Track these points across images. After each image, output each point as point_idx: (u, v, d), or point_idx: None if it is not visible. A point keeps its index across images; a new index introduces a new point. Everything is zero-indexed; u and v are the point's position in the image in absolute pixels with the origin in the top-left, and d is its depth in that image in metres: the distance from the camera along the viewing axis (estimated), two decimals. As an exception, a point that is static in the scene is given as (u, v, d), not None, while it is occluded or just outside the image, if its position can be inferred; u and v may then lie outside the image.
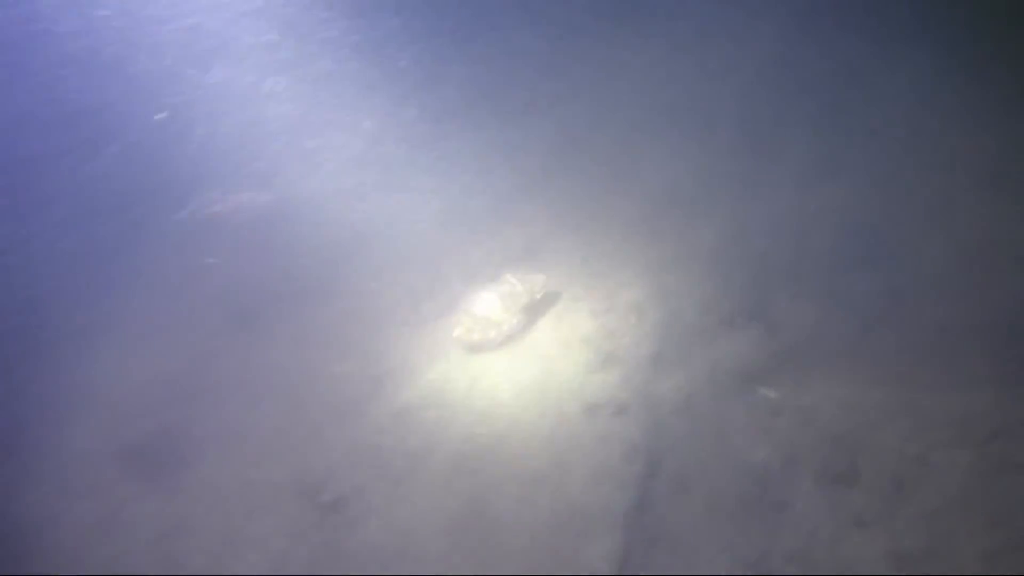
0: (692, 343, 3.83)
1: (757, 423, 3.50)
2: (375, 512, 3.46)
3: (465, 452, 3.62)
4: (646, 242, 4.26)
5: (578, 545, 3.26)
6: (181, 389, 3.95)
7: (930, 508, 3.15)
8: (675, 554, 3.15)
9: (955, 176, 4.31)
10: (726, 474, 3.34)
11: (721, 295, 3.98)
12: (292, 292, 4.23)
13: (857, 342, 3.77)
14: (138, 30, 5.69)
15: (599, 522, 3.31)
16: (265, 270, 4.36)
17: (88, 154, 4.91)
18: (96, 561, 3.39)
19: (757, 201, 4.32)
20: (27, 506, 3.59)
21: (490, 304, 3.94)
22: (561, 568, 3.15)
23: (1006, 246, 4.02)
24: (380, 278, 4.27)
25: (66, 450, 3.79)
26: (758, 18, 5.12)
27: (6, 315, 4.17)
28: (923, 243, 4.10)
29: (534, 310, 4.05)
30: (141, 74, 5.48)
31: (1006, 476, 3.22)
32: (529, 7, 5.52)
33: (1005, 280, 3.91)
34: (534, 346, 3.94)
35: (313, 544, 3.38)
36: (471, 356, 3.95)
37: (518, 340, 3.96)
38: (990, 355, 3.68)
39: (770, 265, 4.06)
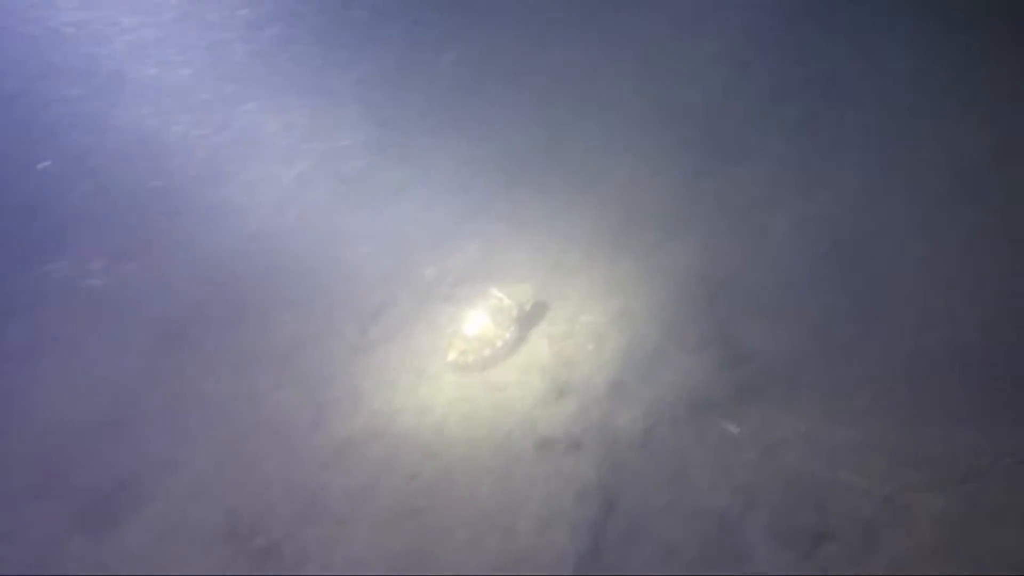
0: (652, 372, 3.61)
1: (718, 461, 3.29)
2: (312, 559, 3.23)
3: (410, 491, 3.39)
4: (610, 262, 4.03)
5: (527, 594, 3.06)
6: (105, 420, 3.70)
7: (902, 559, 2.95)
8: (628, 606, 2.95)
9: (935, 190, 4.09)
10: (684, 519, 3.13)
11: (685, 320, 3.76)
12: (229, 315, 3.97)
13: (827, 371, 3.56)
14: (31, 59, 5.12)
15: (549, 569, 3.10)
16: (197, 294, 4.08)
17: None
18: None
19: (726, 219, 4.09)
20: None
21: (480, 323, 3.72)
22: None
23: (988, 267, 3.81)
24: (325, 301, 4.01)
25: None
26: (729, 21, 4.85)
27: None
28: (901, 262, 3.89)
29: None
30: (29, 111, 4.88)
31: (983, 522, 3.03)
32: (474, 23, 5.18)
33: (986, 304, 3.71)
34: (487, 376, 3.70)
35: (245, 594, 3.17)
36: (420, 384, 3.72)
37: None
38: (968, 386, 3.49)
39: (738, 288, 3.84)
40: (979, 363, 3.54)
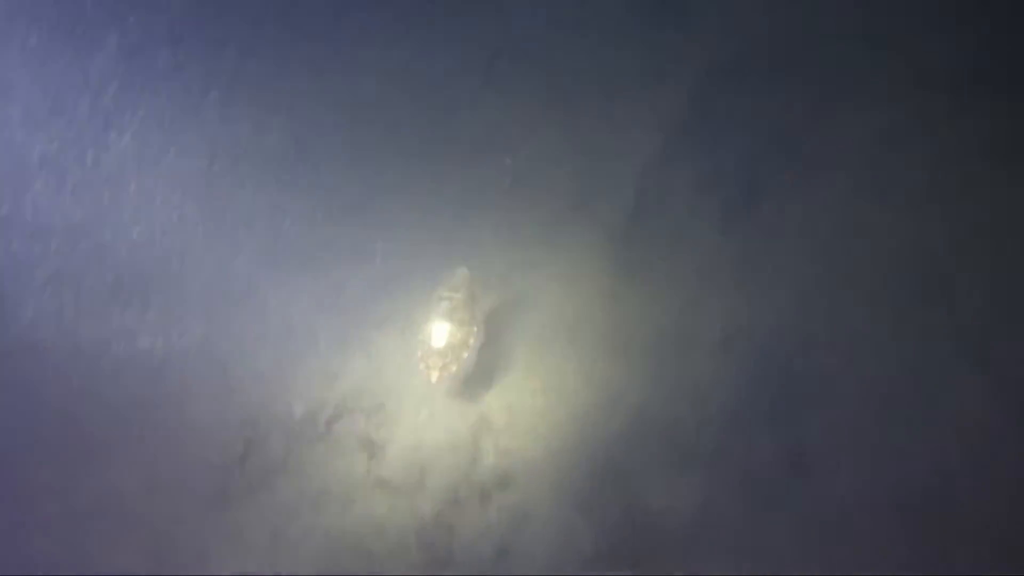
0: (542, 537, 3.10)
1: (613, 663, 2.78)
2: None
3: None
4: (502, 389, 3.48)
5: None
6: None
7: None
8: None
9: (885, 295, 3.51)
10: None
11: (583, 469, 3.23)
12: (63, 457, 3.46)
13: (746, 531, 3.05)
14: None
15: None
16: (16, 425, 3.54)
17: None
18: None
19: (640, 333, 3.53)
20: None
21: (444, 331, 3.31)
22: None
23: (944, 395, 3.25)
24: (177, 445, 3.50)
25: None
26: (656, 83, 4.21)
27: None
28: (841, 387, 3.33)
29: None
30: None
31: None
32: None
33: (941, 442, 3.15)
34: (357, 542, 3.20)
35: None
36: (280, 551, 3.21)
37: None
38: (918, 547, 2.95)
39: (648, 424, 3.31)
40: (932, 518, 3.00)
